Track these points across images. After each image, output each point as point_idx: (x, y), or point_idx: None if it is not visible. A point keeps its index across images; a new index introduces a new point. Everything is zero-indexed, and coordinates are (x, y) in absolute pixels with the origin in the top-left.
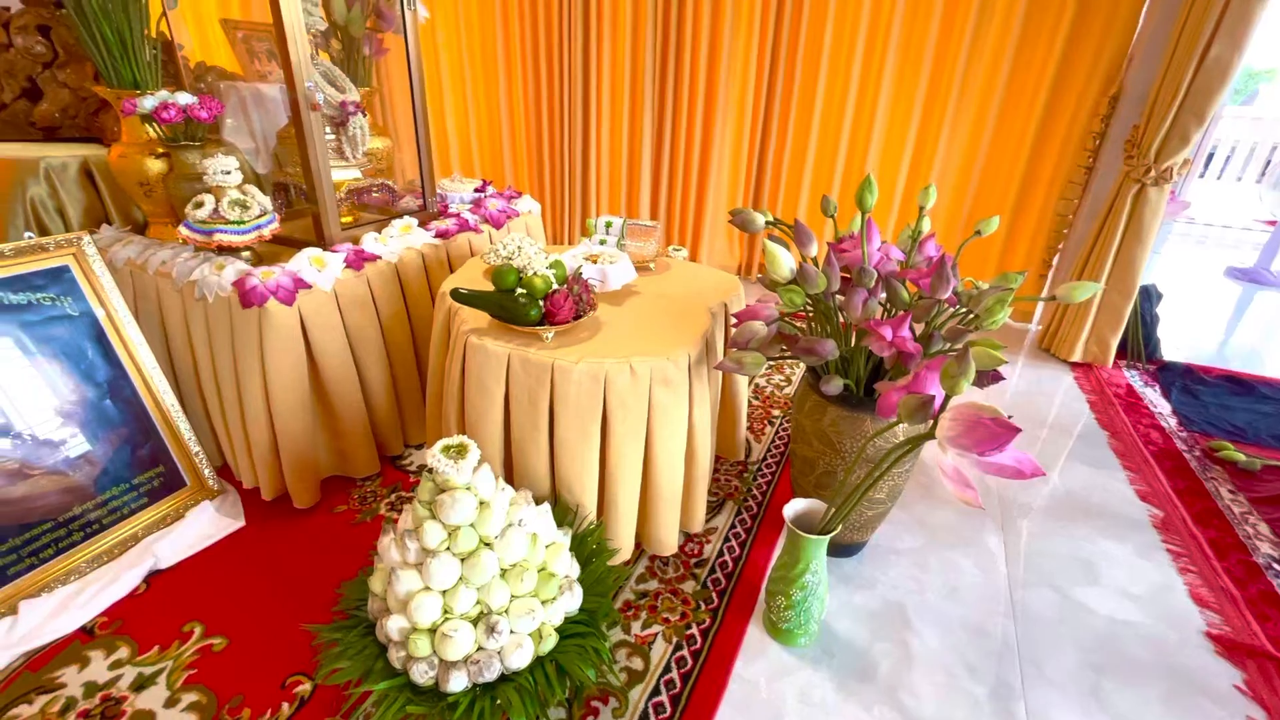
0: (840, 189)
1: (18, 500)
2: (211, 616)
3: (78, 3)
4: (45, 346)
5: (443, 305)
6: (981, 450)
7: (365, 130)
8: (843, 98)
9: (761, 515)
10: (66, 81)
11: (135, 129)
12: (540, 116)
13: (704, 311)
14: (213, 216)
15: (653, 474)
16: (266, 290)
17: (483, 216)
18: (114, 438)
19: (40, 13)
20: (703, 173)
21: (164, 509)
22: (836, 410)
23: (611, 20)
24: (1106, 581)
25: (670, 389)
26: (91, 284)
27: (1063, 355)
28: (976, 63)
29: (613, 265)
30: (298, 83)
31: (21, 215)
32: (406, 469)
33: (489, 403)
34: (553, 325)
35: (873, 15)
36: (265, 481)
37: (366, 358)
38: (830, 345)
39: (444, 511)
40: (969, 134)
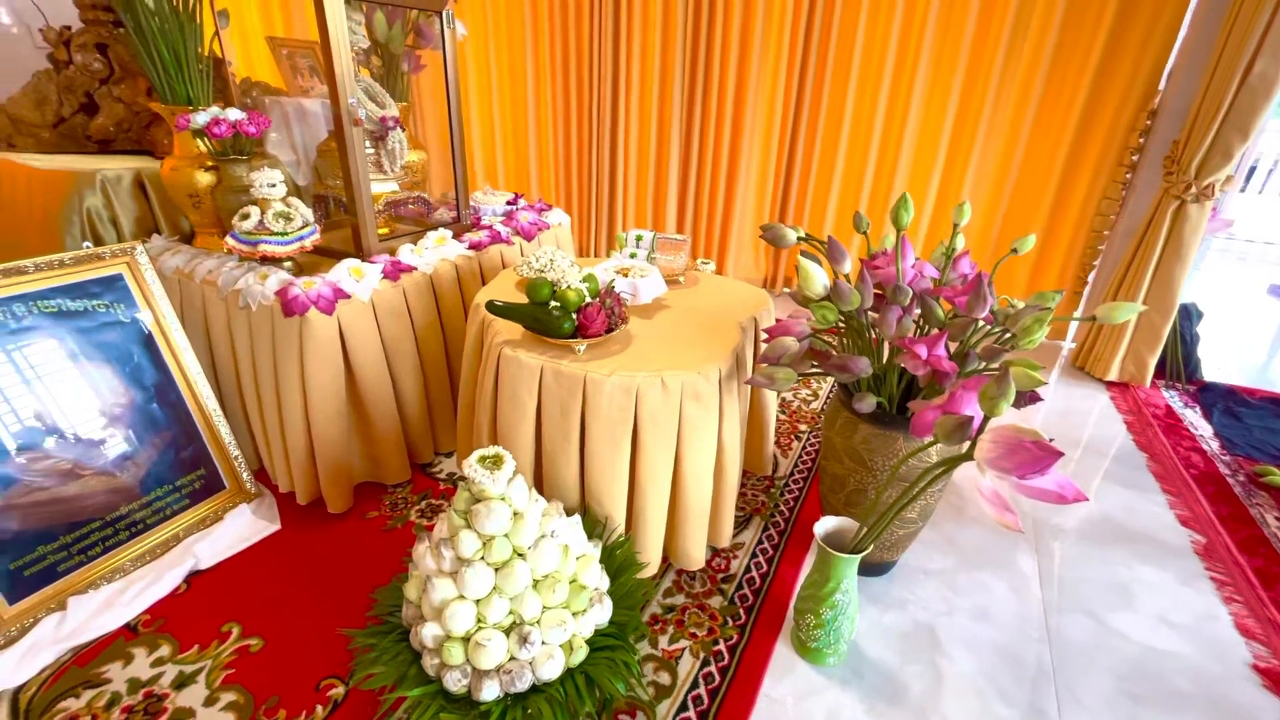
0: (868, 203)
1: (69, 499)
2: (249, 617)
3: (137, 24)
4: (99, 351)
5: (476, 316)
6: (1022, 474)
7: (403, 144)
8: (871, 112)
9: (789, 531)
10: (121, 97)
11: (187, 143)
12: (568, 128)
13: (734, 326)
14: (258, 228)
15: (681, 488)
16: (308, 300)
17: (514, 228)
18: (159, 440)
19: (99, 31)
20: (729, 186)
21: (203, 511)
22: (868, 428)
23: (641, 33)
24: (1145, 608)
25: (701, 404)
26: (143, 291)
27: (1098, 374)
28: (1009, 78)
29: (644, 279)
30: (342, 99)
31: (78, 224)
32: (436, 476)
33: (521, 414)
34: (585, 338)
35: (904, 29)
36: (301, 486)
37: (401, 366)
38: (864, 363)
39: (479, 521)
40: (1001, 149)
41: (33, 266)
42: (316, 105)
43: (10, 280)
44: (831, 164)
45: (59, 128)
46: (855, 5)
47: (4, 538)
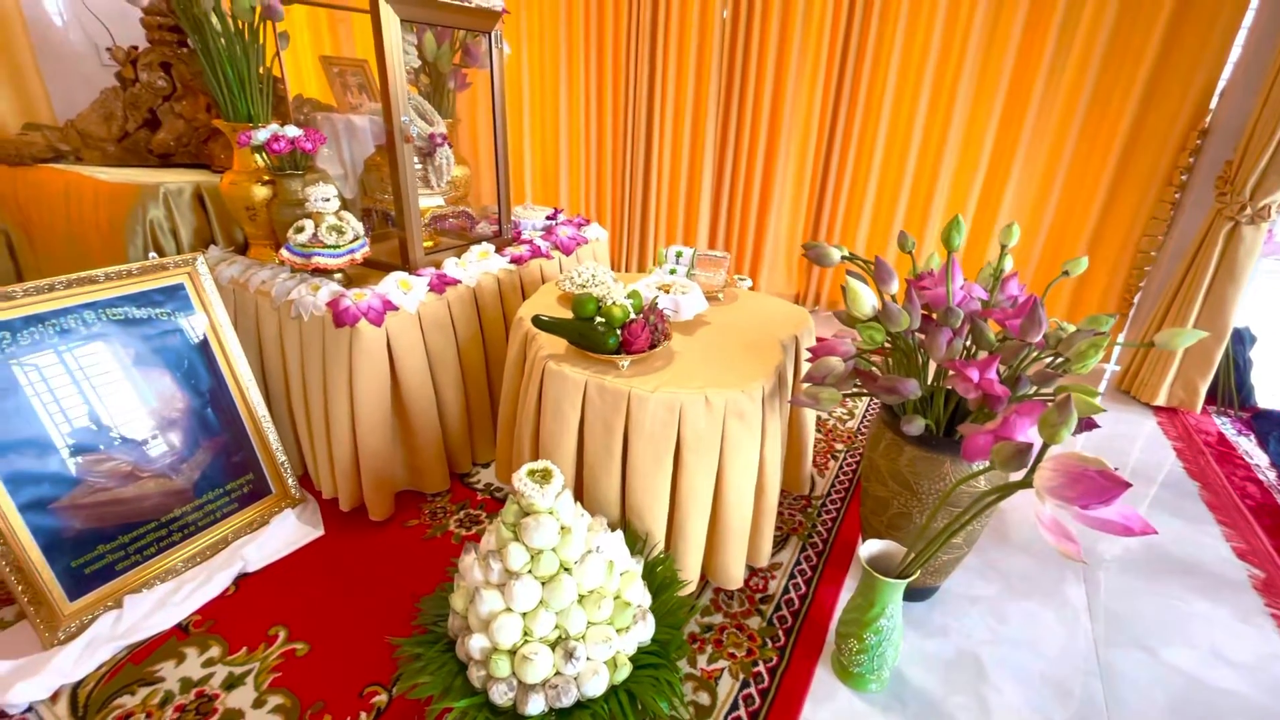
0: (904, 221)
1: (128, 500)
2: (294, 621)
3: (205, 46)
4: (159, 357)
5: (519, 330)
6: (1085, 504)
7: (450, 160)
8: (909, 127)
9: (827, 553)
10: (182, 113)
11: (245, 158)
12: (601, 143)
13: (775, 344)
14: (312, 240)
15: (722, 506)
16: (358, 311)
17: (554, 243)
18: (212, 445)
19: (164, 51)
20: (763, 202)
21: (251, 515)
22: (914, 450)
23: (677, 51)
24: (1203, 645)
25: (744, 422)
26: (202, 301)
27: (1145, 398)
28: (1052, 95)
29: (685, 295)
30: (395, 117)
31: (141, 234)
32: (474, 487)
33: (564, 427)
34: (629, 354)
35: (944, 42)
36: (345, 492)
37: (443, 377)
38: (913, 384)
39: (528, 534)
40: (1044, 168)
41: (103, 276)
42: (364, 121)
43: (83, 289)
44: (866, 181)
45: (123, 142)
46: (893, 20)
47: (67, 536)
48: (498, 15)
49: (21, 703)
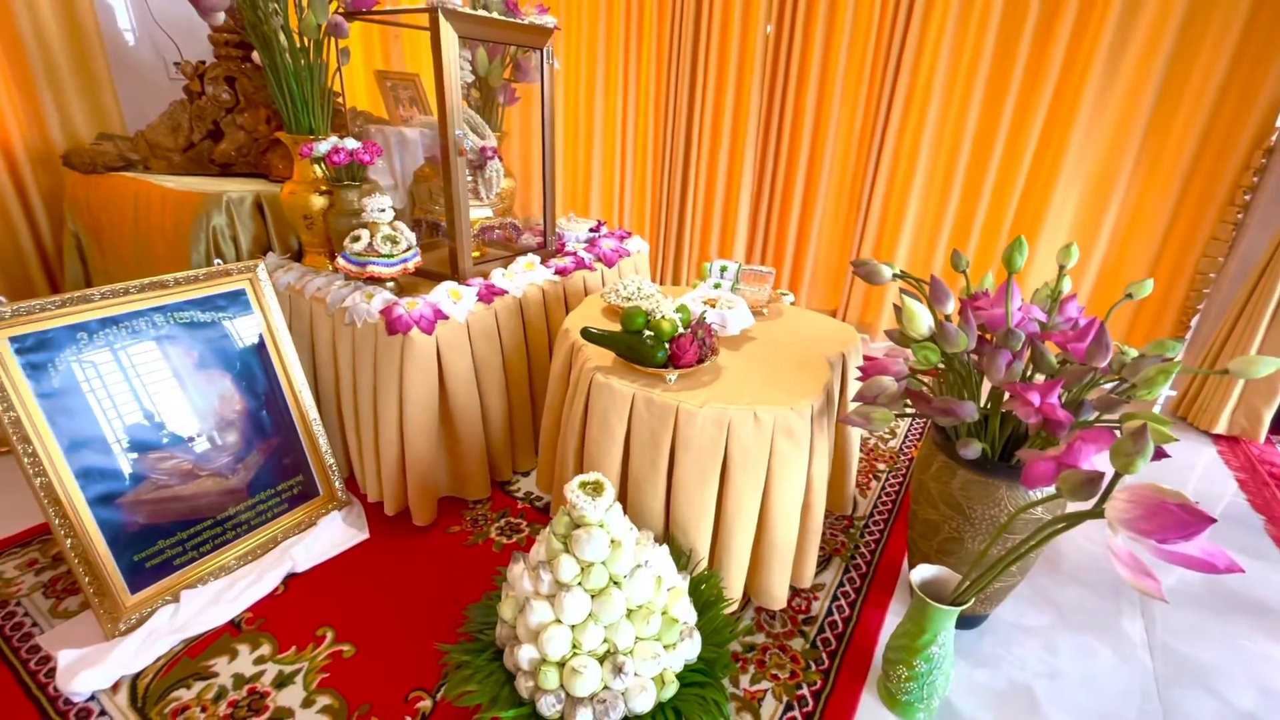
0: (948, 237)
1: (187, 498)
2: (341, 623)
3: (273, 62)
4: (220, 360)
5: (565, 341)
6: (1163, 538)
7: (500, 173)
8: (954, 142)
9: (871, 575)
10: (243, 125)
11: (304, 169)
12: (639, 154)
13: (823, 361)
14: (367, 250)
15: (768, 524)
16: (410, 319)
17: (597, 255)
18: (266, 446)
19: (229, 65)
20: (804, 216)
21: (299, 516)
22: (968, 474)
23: (718, 60)
24: (1274, 689)
25: (792, 439)
26: (261, 306)
27: (1203, 426)
28: (1104, 110)
29: (731, 310)
30: (450, 130)
31: (204, 240)
32: (514, 494)
33: (610, 439)
34: (677, 368)
35: (995, 54)
36: (390, 496)
37: (489, 386)
38: (970, 407)
39: (579, 546)
40: (1095, 184)
41: (172, 281)
42: (415, 134)
43: (154, 293)
44: (907, 196)
45: (188, 152)
46: (938, 33)
47: (131, 531)
48: (550, 32)
49: (85, 691)
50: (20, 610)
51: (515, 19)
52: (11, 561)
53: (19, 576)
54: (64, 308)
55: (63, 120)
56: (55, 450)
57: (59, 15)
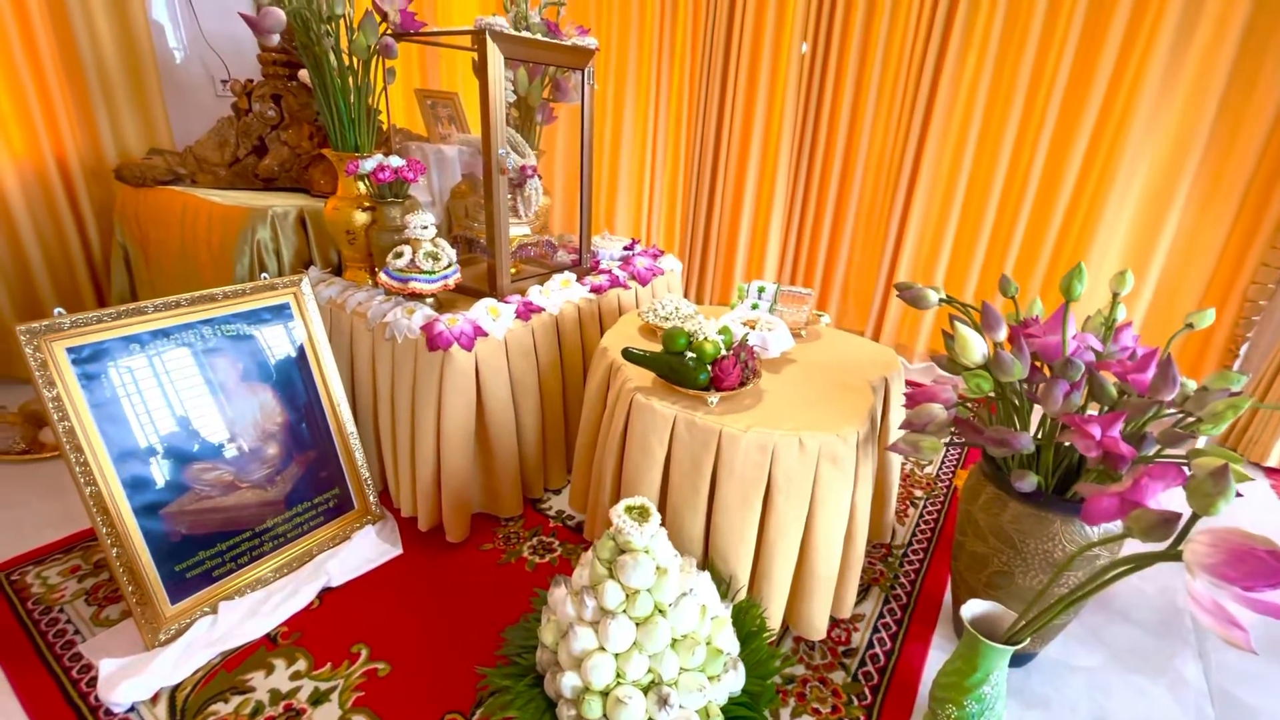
0: (984, 258)
1: (228, 509)
2: (376, 640)
3: (322, 82)
4: (263, 372)
5: (602, 360)
6: (1250, 585)
7: (539, 191)
8: (992, 162)
9: (912, 606)
10: (287, 141)
11: (348, 185)
12: (669, 172)
13: (865, 386)
14: (409, 266)
15: (810, 552)
16: (451, 336)
17: (631, 273)
18: (304, 459)
19: (276, 84)
20: (834, 236)
21: (334, 529)
22: (1020, 507)
23: (748, 78)
24: None
25: (838, 467)
26: (304, 320)
27: (1254, 458)
28: (1149, 130)
29: (771, 332)
30: (493, 149)
31: (249, 254)
32: (545, 513)
33: (650, 462)
34: (719, 390)
35: (1034, 74)
36: (424, 512)
37: (524, 403)
38: (1026, 439)
39: (624, 573)
40: (1141, 207)
41: (221, 294)
42: (453, 151)
43: (204, 306)
44: (946, 217)
45: (233, 167)
46: (979, 51)
47: (174, 541)
48: (591, 53)
49: (125, 702)
50: (63, 617)
51: (557, 40)
52: (55, 568)
53: (62, 583)
54: (119, 320)
55: (115, 135)
56: (105, 460)
57: (116, 37)
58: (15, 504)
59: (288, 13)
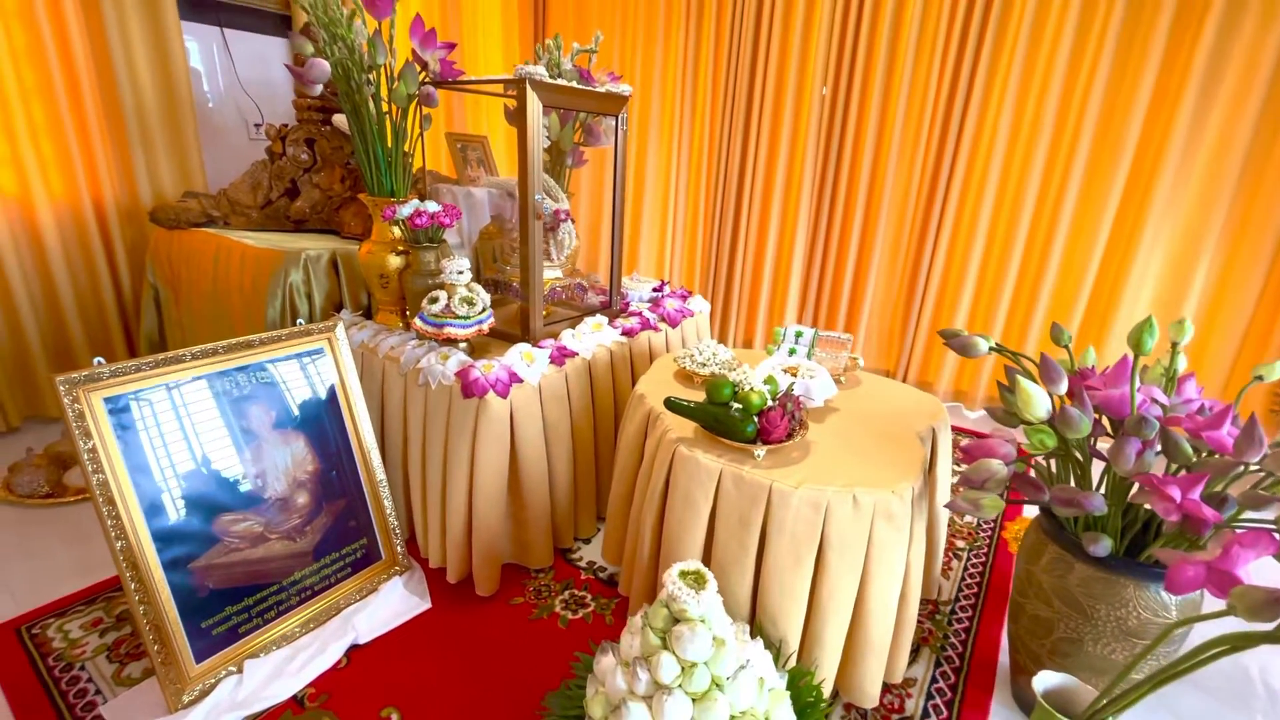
0: (1009, 301)
1: (256, 561)
2: (406, 703)
3: (361, 129)
4: (295, 419)
5: (639, 407)
6: None
7: (572, 235)
8: (1016, 201)
9: (965, 670)
10: (319, 184)
11: (383, 229)
12: (691, 213)
13: (913, 437)
14: (444, 311)
15: (864, 615)
16: (486, 383)
17: (661, 315)
18: (333, 508)
19: (310, 128)
20: (858, 276)
21: (361, 581)
22: (1087, 569)
23: (772, 119)
24: None
25: (893, 525)
26: (338, 366)
27: None
28: (1187, 165)
29: (814, 380)
30: (529, 194)
31: (281, 296)
32: (576, 564)
33: (694, 517)
34: (766, 443)
35: (1059, 113)
36: (454, 564)
37: (557, 450)
38: (1099, 500)
39: (681, 644)
40: (1176, 246)
41: (258, 340)
42: (482, 193)
43: (241, 353)
44: (968, 258)
45: (265, 209)
46: (1001, 88)
47: (201, 596)
48: (625, 99)
49: None
50: (84, 675)
51: (591, 87)
52: (77, 620)
53: (84, 637)
54: (157, 369)
55: (151, 178)
56: (137, 512)
57: (156, 84)
58: (38, 552)
59: (331, 63)
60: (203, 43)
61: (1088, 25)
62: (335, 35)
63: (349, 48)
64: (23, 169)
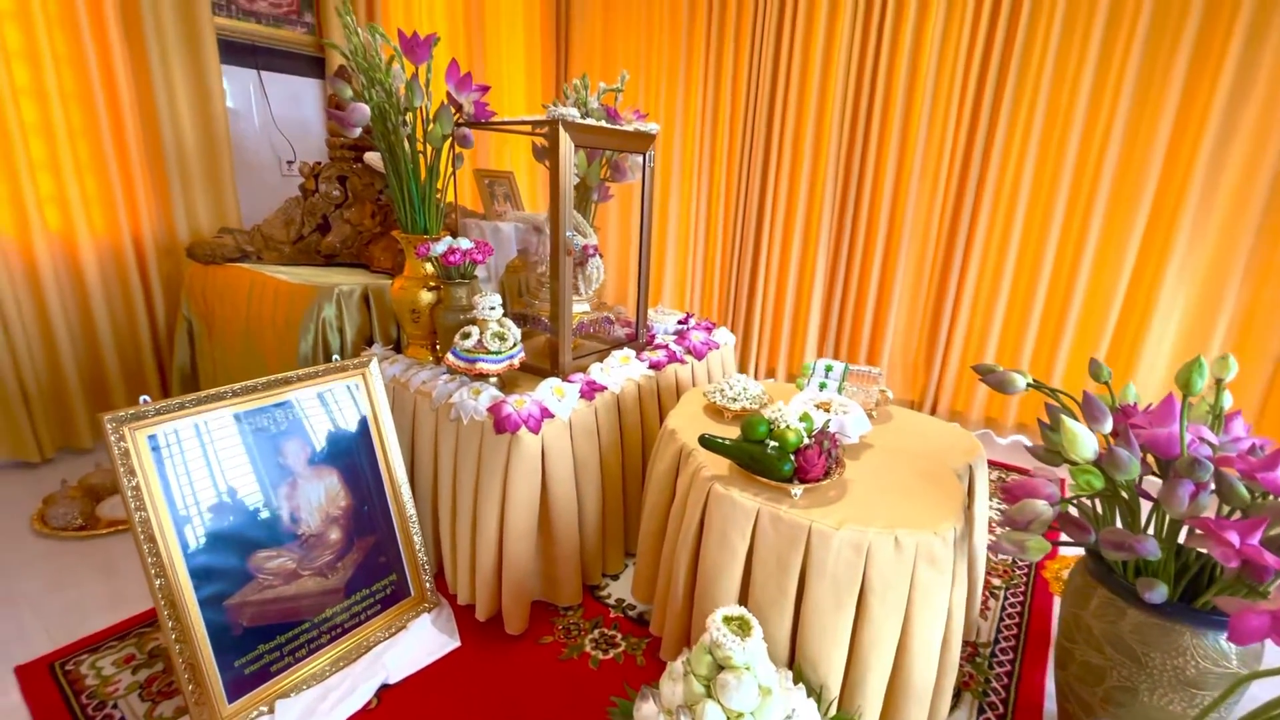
0: (1037, 331)
1: (289, 599)
2: None
3: (397, 169)
4: (329, 454)
5: (670, 443)
6: None
7: (600, 270)
8: (1043, 227)
9: (1010, 717)
10: (350, 219)
11: (415, 265)
12: (709, 243)
13: (951, 475)
14: (476, 346)
15: (906, 660)
16: (519, 419)
17: (687, 348)
18: (364, 544)
19: (342, 166)
20: (880, 305)
21: (390, 617)
22: (1140, 615)
23: (792, 150)
24: None
25: (936, 568)
26: (371, 401)
27: None
28: (1216, 189)
29: (848, 416)
30: (561, 231)
31: (313, 331)
32: (605, 601)
33: (730, 558)
34: (803, 482)
35: (1084, 137)
36: (483, 601)
37: (586, 486)
38: (1153, 545)
39: (727, 694)
40: (1207, 277)
41: (296, 377)
42: (509, 228)
43: (279, 389)
44: (996, 287)
45: (298, 244)
46: (1027, 113)
47: (235, 634)
48: (653, 137)
49: None
50: (117, 714)
51: (618, 125)
52: (109, 656)
53: (116, 674)
54: (200, 405)
55: (188, 214)
56: (176, 549)
57: (196, 124)
58: (70, 584)
59: (370, 106)
60: (239, 84)
61: (1109, 54)
62: (374, 79)
63: (387, 91)
64: (67, 206)
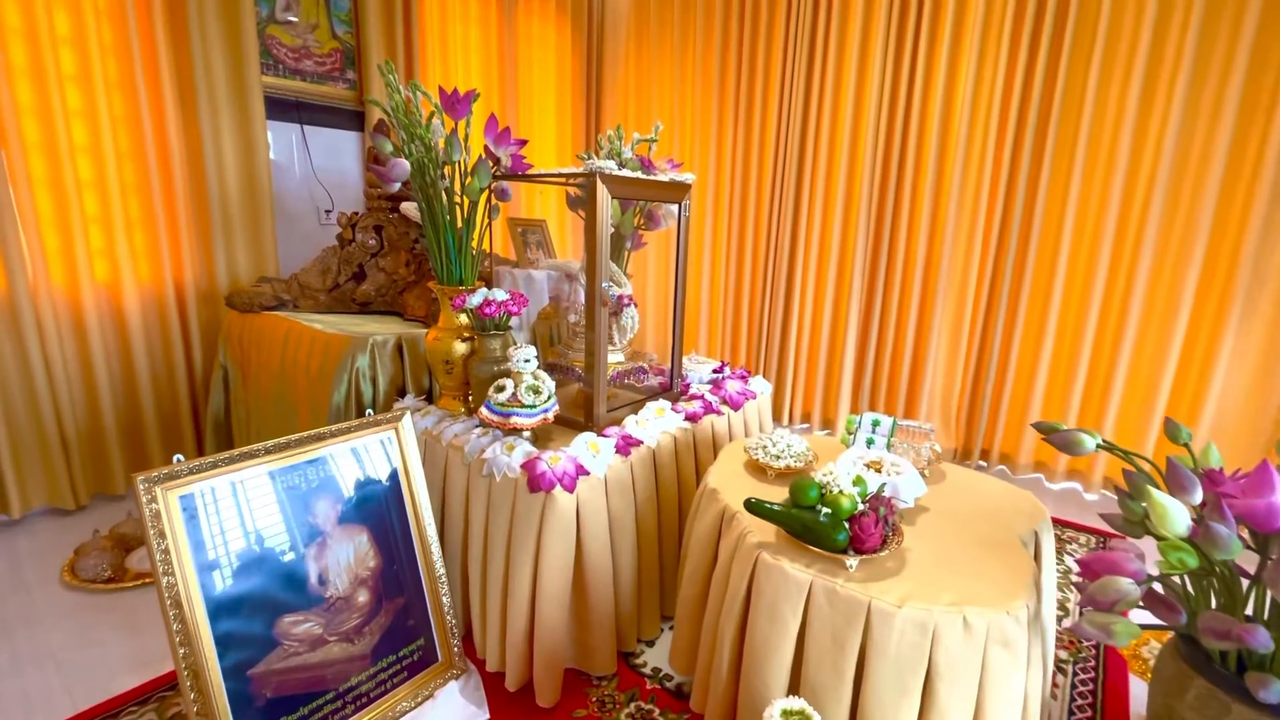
0: (1084, 383)
1: (313, 667)
2: None
3: (434, 221)
4: (359, 513)
5: (712, 504)
6: None
7: (635, 320)
8: (1089, 273)
9: None
10: (384, 268)
11: (449, 316)
12: (739, 290)
13: (1016, 543)
14: (511, 400)
15: None
16: (554, 477)
17: (723, 398)
18: (391, 607)
19: (379, 215)
20: (917, 355)
21: (416, 685)
22: (1250, 711)
23: (824, 198)
24: None
25: (1009, 650)
26: (404, 456)
27: None
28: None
29: (900, 476)
30: (597, 282)
31: (347, 381)
32: (640, 670)
33: (780, 634)
34: (859, 552)
35: (1128, 178)
36: (513, 669)
37: (622, 545)
38: (1265, 636)
39: None
40: (1266, 325)
41: (330, 433)
42: (542, 275)
43: (313, 446)
44: (1040, 338)
45: (333, 292)
46: (1069, 155)
47: (258, 705)
48: (688, 187)
49: None
50: None
51: (653, 175)
52: None
53: None
54: (233, 464)
55: (229, 263)
56: (202, 615)
57: (241, 179)
58: (95, 642)
59: (409, 160)
60: (282, 137)
61: (1151, 93)
62: (414, 134)
63: (426, 146)
64: (115, 259)
